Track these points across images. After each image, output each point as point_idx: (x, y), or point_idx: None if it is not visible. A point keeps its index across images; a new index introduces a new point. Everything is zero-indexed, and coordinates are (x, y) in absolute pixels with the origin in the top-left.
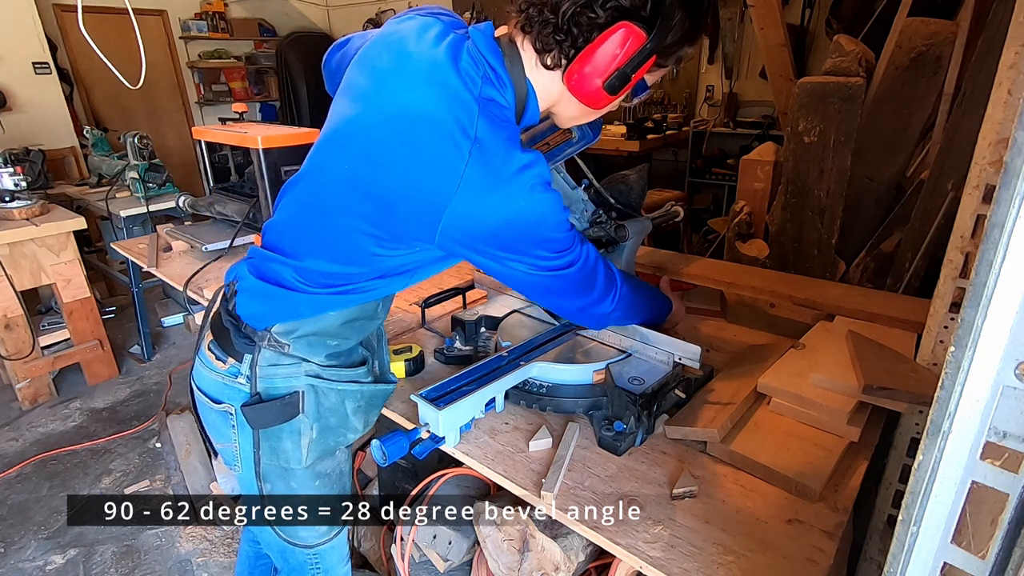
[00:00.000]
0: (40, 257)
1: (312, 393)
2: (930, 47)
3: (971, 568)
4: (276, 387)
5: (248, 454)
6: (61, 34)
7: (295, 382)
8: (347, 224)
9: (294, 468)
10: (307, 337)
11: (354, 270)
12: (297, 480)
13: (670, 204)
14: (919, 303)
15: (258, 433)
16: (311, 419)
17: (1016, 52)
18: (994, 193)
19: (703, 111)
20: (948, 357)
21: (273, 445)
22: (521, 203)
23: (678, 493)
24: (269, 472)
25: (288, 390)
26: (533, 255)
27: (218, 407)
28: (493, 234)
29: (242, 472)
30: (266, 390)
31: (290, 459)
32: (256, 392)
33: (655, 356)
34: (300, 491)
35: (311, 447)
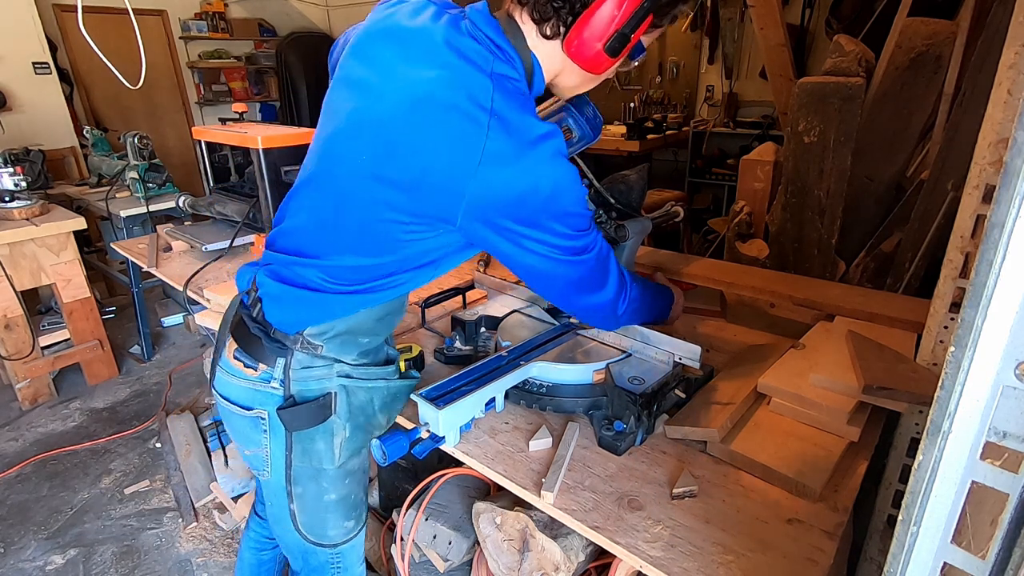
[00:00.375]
0: (40, 257)
1: (343, 393)
2: (930, 47)
3: (971, 568)
4: (310, 389)
5: (280, 458)
6: (61, 34)
7: (328, 383)
8: (372, 215)
9: (326, 468)
10: (340, 336)
11: (382, 260)
12: (328, 480)
13: (670, 204)
14: (919, 303)
15: (291, 436)
16: (343, 419)
17: (1016, 52)
18: (994, 193)
19: (703, 111)
20: (948, 357)
21: (306, 447)
22: (543, 171)
23: (678, 493)
24: (300, 474)
25: (321, 392)
26: (553, 231)
27: (249, 413)
28: (515, 204)
29: (271, 477)
30: (300, 392)
31: (323, 459)
32: (290, 395)
33: (655, 356)
34: (331, 491)
35: (343, 446)
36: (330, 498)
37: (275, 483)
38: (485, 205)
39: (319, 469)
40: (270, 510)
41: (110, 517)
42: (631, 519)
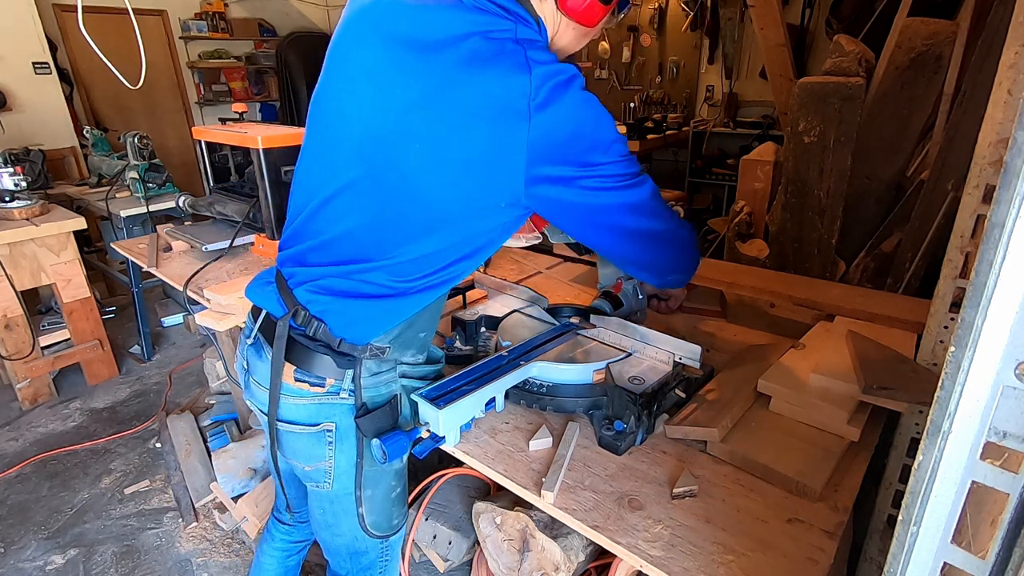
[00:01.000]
0: (40, 257)
1: (404, 393)
2: (930, 47)
3: (971, 568)
4: (380, 394)
5: (347, 467)
6: (61, 34)
7: (393, 386)
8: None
9: (394, 466)
10: (402, 335)
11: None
12: (394, 476)
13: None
14: (919, 303)
15: (363, 443)
16: (408, 417)
17: (1016, 52)
18: (994, 193)
19: (703, 111)
20: (948, 357)
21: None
22: (582, 103)
23: (678, 492)
24: (370, 477)
25: (389, 395)
26: (608, 163)
27: (314, 429)
28: (572, 140)
29: (332, 488)
30: (372, 399)
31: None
32: (362, 403)
33: (655, 356)
34: (397, 485)
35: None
36: (396, 492)
37: (337, 492)
38: (547, 146)
39: (387, 469)
40: (321, 517)
41: (110, 517)
42: (631, 519)
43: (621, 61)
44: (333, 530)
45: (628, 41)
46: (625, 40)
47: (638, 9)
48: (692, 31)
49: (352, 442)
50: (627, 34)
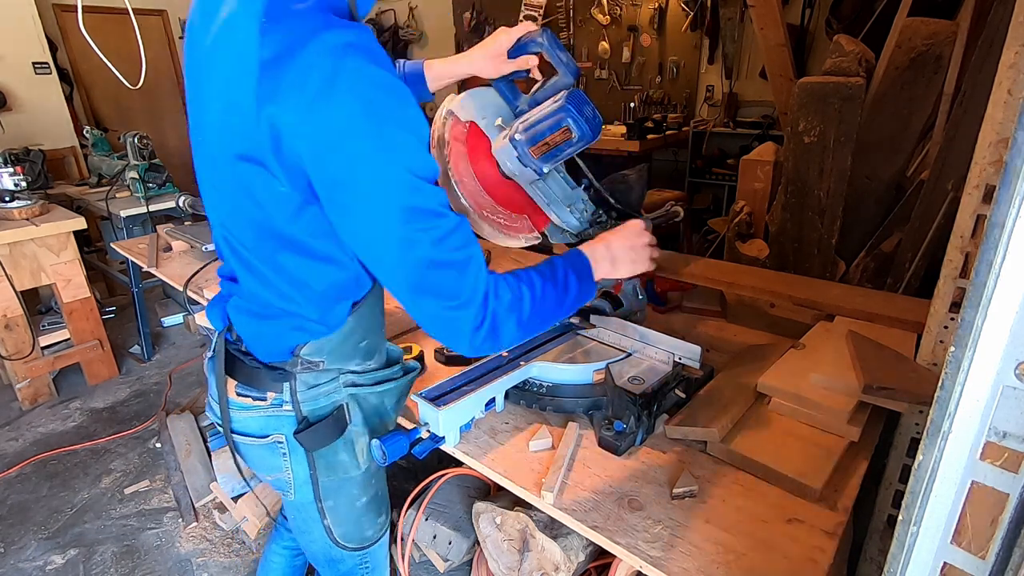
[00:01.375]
0: (40, 257)
1: (354, 402)
2: (930, 47)
3: (971, 568)
4: (321, 406)
5: (304, 478)
6: (61, 34)
7: (337, 396)
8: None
9: (353, 476)
10: (336, 347)
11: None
12: (357, 486)
13: (670, 204)
14: (919, 303)
15: (312, 455)
16: (360, 426)
17: (1016, 52)
18: (994, 193)
19: (703, 111)
20: (948, 357)
21: (330, 461)
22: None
23: (678, 493)
24: (329, 489)
25: (333, 406)
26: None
27: (265, 441)
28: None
29: (296, 497)
30: (312, 412)
31: (348, 469)
32: (303, 417)
33: (655, 356)
34: (361, 495)
35: (365, 451)
36: (362, 502)
37: (301, 502)
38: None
39: (346, 479)
40: (294, 523)
41: (110, 517)
42: (631, 519)
43: (621, 61)
44: (307, 536)
45: (628, 41)
46: (625, 40)
47: (638, 9)
48: (692, 31)
49: (303, 453)
50: (627, 34)
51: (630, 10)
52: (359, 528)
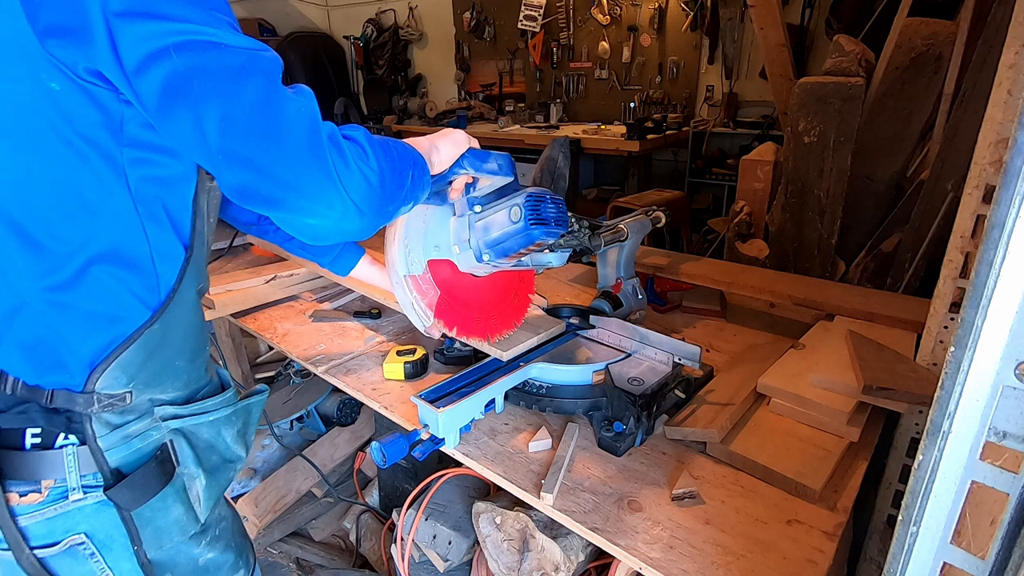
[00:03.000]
0: None
1: (181, 438)
2: (930, 47)
3: (971, 568)
4: (136, 450)
5: (130, 569)
6: None
7: (155, 435)
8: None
9: (193, 533)
10: (145, 369)
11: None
12: (199, 544)
13: (652, 208)
14: (919, 303)
15: (132, 522)
16: (193, 466)
17: (1016, 52)
18: (994, 193)
19: (703, 111)
20: (948, 357)
21: (159, 526)
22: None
23: (678, 494)
24: (163, 560)
25: (152, 448)
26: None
27: (57, 548)
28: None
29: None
30: (124, 460)
31: (185, 527)
32: (113, 470)
33: (655, 356)
34: (206, 551)
35: (203, 497)
36: (207, 559)
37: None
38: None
39: (184, 540)
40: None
41: None
42: (631, 520)
43: (621, 61)
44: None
45: (628, 41)
46: (625, 40)
47: (638, 9)
48: (692, 31)
49: (121, 540)
50: (627, 34)
51: (630, 10)
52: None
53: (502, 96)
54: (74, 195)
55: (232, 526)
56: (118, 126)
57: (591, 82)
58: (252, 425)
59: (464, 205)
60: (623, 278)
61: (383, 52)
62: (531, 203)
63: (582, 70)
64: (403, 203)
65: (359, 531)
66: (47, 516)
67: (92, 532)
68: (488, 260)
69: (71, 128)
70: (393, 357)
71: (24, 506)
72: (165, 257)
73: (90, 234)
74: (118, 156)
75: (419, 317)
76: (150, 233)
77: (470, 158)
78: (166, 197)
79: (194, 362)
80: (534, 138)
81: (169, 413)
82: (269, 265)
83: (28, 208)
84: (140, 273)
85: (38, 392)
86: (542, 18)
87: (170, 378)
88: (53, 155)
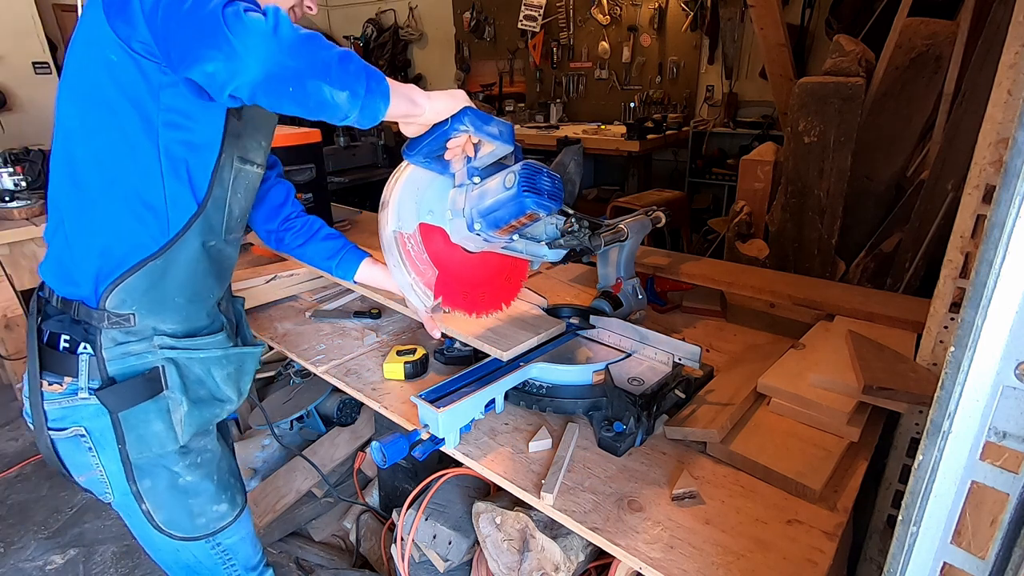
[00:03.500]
0: (40, 257)
1: (173, 367)
2: (930, 47)
3: (971, 568)
4: (131, 367)
5: (116, 470)
6: (61, 34)
7: (151, 358)
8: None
9: (171, 450)
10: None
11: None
12: (177, 463)
13: (652, 208)
14: (919, 303)
15: (120, 425)
16: (179, 393)
17: (1016, 52)
18: (994, 193)
19: (703, 111)
20: (948, 357)
21: (141, 433)
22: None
23: (678, 494)
24: (143, 466)
25: (145, 368)
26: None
27: (64, 433)
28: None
29: (116, 497)
30: (120, 372)
31: (164, 442)
32: (109, 377)
33: (655, 356)
34: (185, 473)
35: (185, 422)
36: (186, 481)
37: (122, 500)
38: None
39: (162, 454)
40: (135, 533)
41: (110, 517)
42: (631, 520)
43: (621, 61)
44: (148, 544)
45: (628, 41)
46: (625, 40)
47: (638, 9)
48: (692, 31)
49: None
50: (627, 34)
51: (630, 10)
52: (186, 513)
53: (502, 96)
54: (113, 145)
55: (218, 461)
56: (156, 92)
57: (591, 82)
58: (246, 374)
59: (464, 175)
60: (623, 278)
61: (383, 52)
62: (527, 172)
63: (582, 70)
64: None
65: (359, 531)
66: (62, 405)
67: (91, 429)
68: (479, 230)
69: (121, 92)
70: (393, 357)
71: (49, 393)
72: (178, 207)
73: (119, 177)
74: (155, 118)
75: (419, 297)
76: (168, 184)
77: (471, 115)
78: (190, 159)
79: (192, 303)
80: (534, 138)
81: (167, 343)
82: (269, 265)
83: (82, 151)
84: (154, 214)
85: (68, 305)
86: (542, 18)
87: (169, 311)
88: (104, 113)
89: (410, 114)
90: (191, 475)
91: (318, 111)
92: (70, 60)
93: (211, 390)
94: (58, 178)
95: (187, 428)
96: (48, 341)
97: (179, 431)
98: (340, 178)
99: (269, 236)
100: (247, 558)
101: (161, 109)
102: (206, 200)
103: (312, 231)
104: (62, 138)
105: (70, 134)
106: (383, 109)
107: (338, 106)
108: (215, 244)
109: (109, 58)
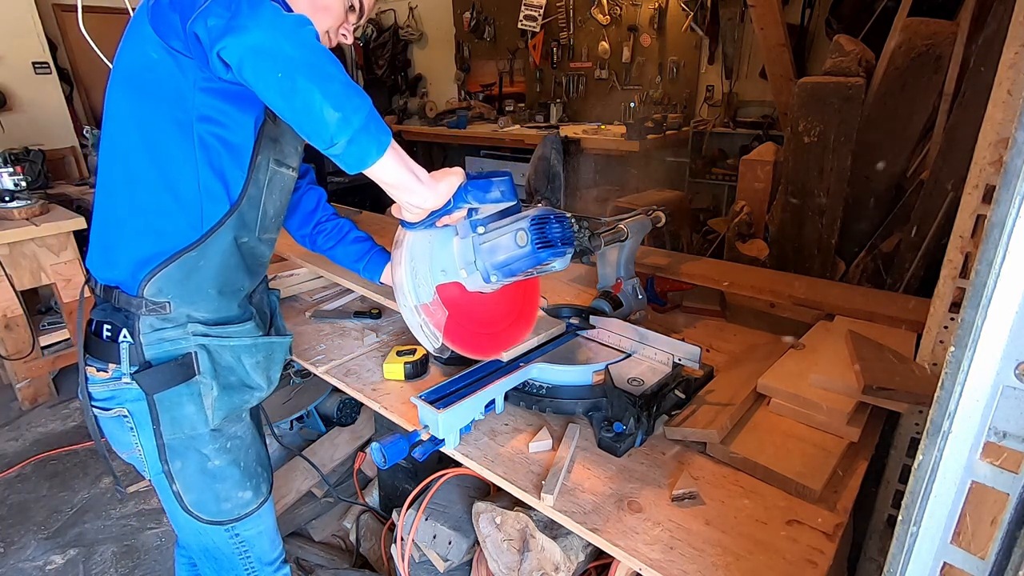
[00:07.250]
0: (40, 257)
1: (205, 353)
2: (930, 47)
3: (971, 568)
4: (166, 352)
5: (151, 449)
6: (61, 34)
7: (184, 344)
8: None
9: (201, 433)
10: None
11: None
12: (207, 446)
13: (652, 208)
14: (919, 303)
15: (155, 407)
16: (210, 378)
17: (1016, 52)
18: (994, 193)
19: (703, 111)
20: (948, 357)
21: (174, 415)
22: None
23: (678, 494)
24: (175, 447)
25: (179, 353)
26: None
27: (109, 413)
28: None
29: (151, 474)
30: (155, 356)
31: (195, 424)
32: (145, 361)
33: (655, 357)
34: (214, 457)
35: (215, 406)
36: (214, 465)
37: (156, 479)
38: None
39: (193, 436)
40: (166, 509)
41: (110, 517)
42: (631, 521)
43: (621, 61)
44: (178, 525)
45: (628, 41)
46: (625, 40)
47: (638, 9)
48: (692, 31)
49: (149, 424)
50: (627, 34)
51: (630, 10)
52: (213, 497)
53: (502, 96)
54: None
55: (247, 449)
56: (192, 87)
57: (591, 82)
58: (276, 363)
59: (467, 227)
60: (623, 278)
61: (383, 52)
62: (536, 226)
63: (582, 70)
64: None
65: (359, 531)
66: (110, 388)
67: (132, 411)
68: (496, 280)
69: (159, 88)
70: (393, 357)
71: (95, 378)
72: (212, 202)
73: (160, 170)
74: (191, 112)
75: (428, 338)
76: (203, 180)
77: (473, 190)
78: (225, 157)
79: (224, 294)
80: (534, 138)
81: (199, 330)
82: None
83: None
84: (188, 208)
85: (109, 293)
86: (542, 18)
87: (202, 300)
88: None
89: (405, 185)
90: (219, 459)
91: (303, 117)
92: (120, 56)
93: (241, 377)
94: (107, 164)
95: (217, 412)
96: (94, 330)
97: (209, 415)
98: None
99: (304, 239)
100: (264, 552)
101: (197, 104)
102: (241, 198)
103: (342, 234)
104: (110, 126)
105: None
106: (374, 154)
107: (326, 123)
108: (248, 241)
109: (150, 55)
